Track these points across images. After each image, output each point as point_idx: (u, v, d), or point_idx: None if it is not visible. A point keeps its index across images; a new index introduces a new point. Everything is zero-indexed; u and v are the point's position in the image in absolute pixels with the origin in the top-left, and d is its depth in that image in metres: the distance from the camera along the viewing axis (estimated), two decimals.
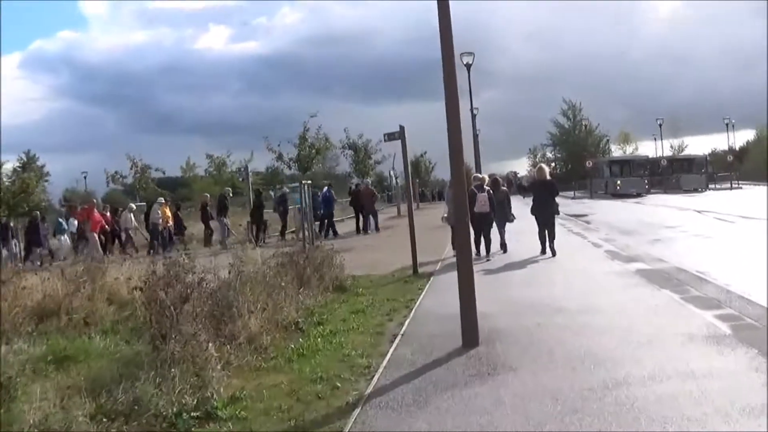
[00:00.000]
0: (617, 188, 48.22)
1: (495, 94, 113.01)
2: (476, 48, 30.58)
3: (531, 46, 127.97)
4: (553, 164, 77.41)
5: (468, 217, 7.60)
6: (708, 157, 59.05)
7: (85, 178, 65.11)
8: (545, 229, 14.71)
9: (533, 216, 14.93)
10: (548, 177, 15.56)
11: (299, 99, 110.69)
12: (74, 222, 23.63)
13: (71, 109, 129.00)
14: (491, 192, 14.89)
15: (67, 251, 22.05)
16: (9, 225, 24.06)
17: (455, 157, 7.41)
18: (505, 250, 15.54)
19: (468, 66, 29.62)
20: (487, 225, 14.83)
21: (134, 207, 25.09)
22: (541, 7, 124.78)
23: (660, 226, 21.05)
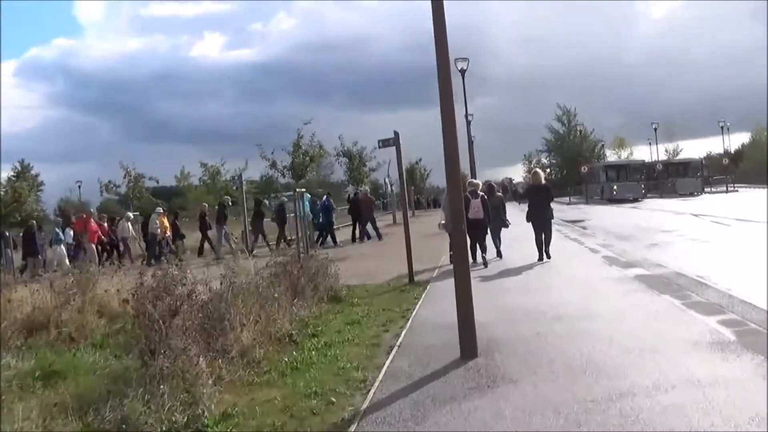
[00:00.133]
0: (613, 193, 48.21)
1: (490, 100, 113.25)
2: (471, 54, 30.42)
3: (525, 52, 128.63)
4: (548, 170, 77.48)
5: (465, 226, 7.44)
6: (703, 161, 59.22)
7: (80, 188, 65.29)
8: (542, 235, 14.64)
9: (529, 222, 14.87)
10: (543, 182, 15.49)
11: (295, 106, 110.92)
12: (70, 232, 23.49)
13: (66, 118, 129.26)
14: (485, 198, 14.80)
15: (61, 261, 21.85)
16: (4, 234, 23.80)
17: (451, 164, 7.27)
18: (501, 257, 15.47)
19: (462, 71, 29.56)
20: (481, 231, 14.68)
21: (131, 216, 24.92)
22: (536, 13, 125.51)
23: (657, 231, 20.99)
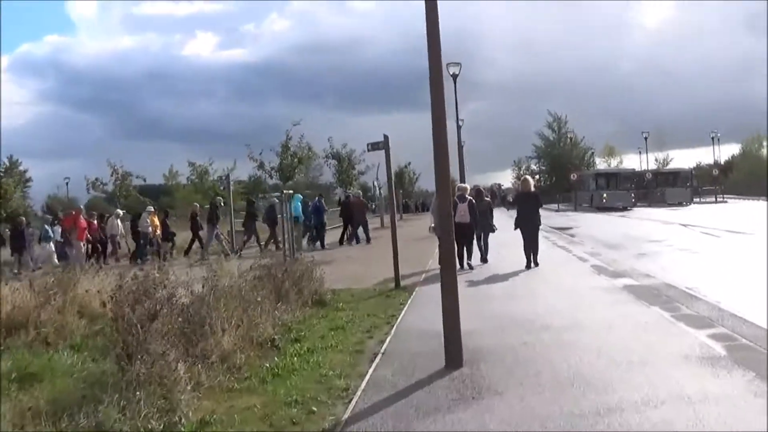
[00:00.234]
0: (603, 201, 48.17)
1: (481, 106, 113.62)
2: (463, 59, 30.21)
3: (517, 58, 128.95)
4: (538, 176, 77.53)
5: (453, 231, 7.30)
6: (693, 171, 59.39)
7: (67, 185, 64.72)
8: (530, 242, 14.65)
9: (518, 229, 14.83)
10: (533, 189, 15.42)
11: (287, 107, 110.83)
12: (59, 229, 23.34)
13: (56, 114, 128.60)
14: (473, 202, 14.75)
15: (49, 258, 21.64)
16: None
17: (440, 169, 7.13)
18: (486, 262, 15.51)
19: (454, 76, 29.36)
20: (468, 235, 14.67)
21: (121, 213, 24.76)
22: (528, 19, 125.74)
23: (646, 240, 20.92)
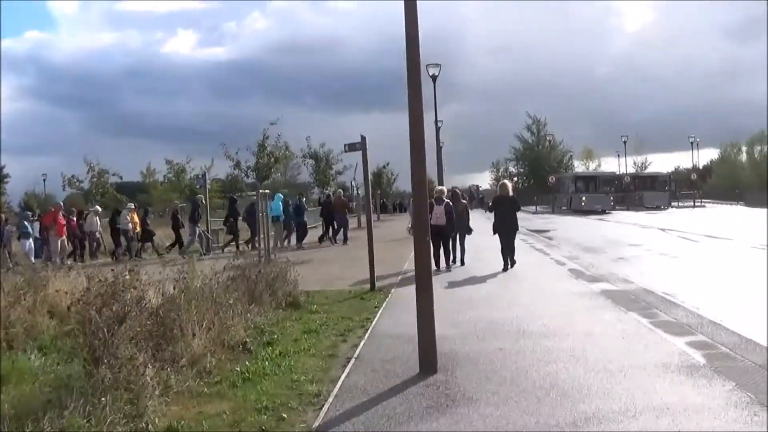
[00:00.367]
0: (582, 204, 48.21)
1: (460, 107, 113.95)
2: (443, 61, 30.10)
3: (498, 61, 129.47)
4: (516, 179, 77.69)
5: (429, 235, 7.12)
6: (671, 175, 59.73)
7: (45, 181, 64.08)
8: (507, 245, 14.65)
9: (496, 233, 14.76)
10: (511, 193, 15.33)
11: (266, 107, 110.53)
12: (37, 226, 22.97)
13: (34, 110, 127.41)
14: (450, 205, 14.71)
15: (27, 255, 21.24)
16: None
17: (417, 170, 6.94)
18: (463, 264, 15.53)
19: (434, 77, 29.25)
20: (444, 237, 14.72)
21: (100, 210, 24.38)
22: (509, 22, 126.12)
23: (624, 244, 20.91)
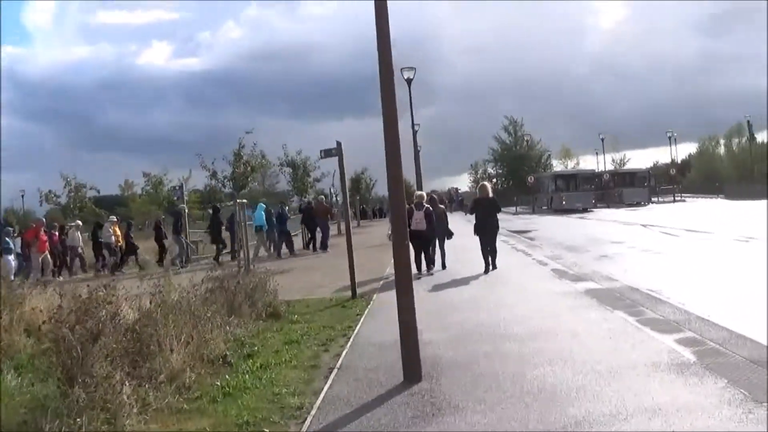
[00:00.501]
0: (563, 203, 48.14)
1: (436, 110, 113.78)
2: (418, 64, 29.94)
3: (472, 62, 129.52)
4: (495, 180, 77.71)
5: (407, 241, 6.95)
6: (650, 171, 59.97)
7: (23, 197, 63.67)
8: (488, 247, 14.60)
9: (477, 234, 14.71)
10: (491, 194, 15.23)
11: (242, 116, 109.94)
12: (19, 241, 22.64)
13: (10, 126, 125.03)
14: (430, 209, 14.66)
15: (8, 272, 20.87)
16: None
17: (393, 174, 6.76)
18: (444, 267, 15.40)
19: (409, 81, 29.04)
20: (424, 242, 14.67)
21: (81, 224, 24.22)
22: (483, 21, 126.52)
23: (606, 242, 20.85)
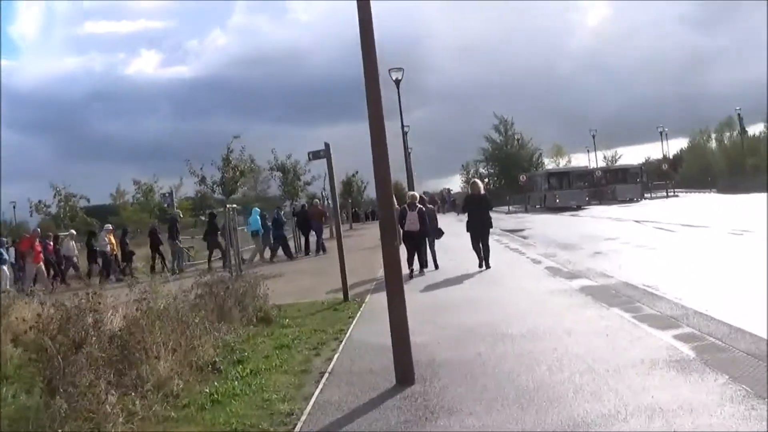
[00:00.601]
0: (556, 201, 47.95)
1: (426, 112, 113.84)
2: (406, 65, 29.78)
3: (461, 62, 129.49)
4: (487, 179, 77.59)
5: (397, 243, 6.81)
6: (642, 167, 59.86)
7: (14, 208, 63.50)
8: (479, 243, 14.55)
9: (469, 232, 14.69)
10: (482, 191, 15.11)
11: (232, 122, 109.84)
12: (13, 251, 22.50)
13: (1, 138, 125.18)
14: (423, 210, 14.64)
15: (4, 282, 20.69)
16: None
17: (381, 176, 6.63)
18: (437, 268, 15.29)
19: (397, 82, 28.78)
20: (418, 243, 14.65)
21: (75, 233, 24.16)
22: (470, 21, 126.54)
23: (600, 239, 20.68)
